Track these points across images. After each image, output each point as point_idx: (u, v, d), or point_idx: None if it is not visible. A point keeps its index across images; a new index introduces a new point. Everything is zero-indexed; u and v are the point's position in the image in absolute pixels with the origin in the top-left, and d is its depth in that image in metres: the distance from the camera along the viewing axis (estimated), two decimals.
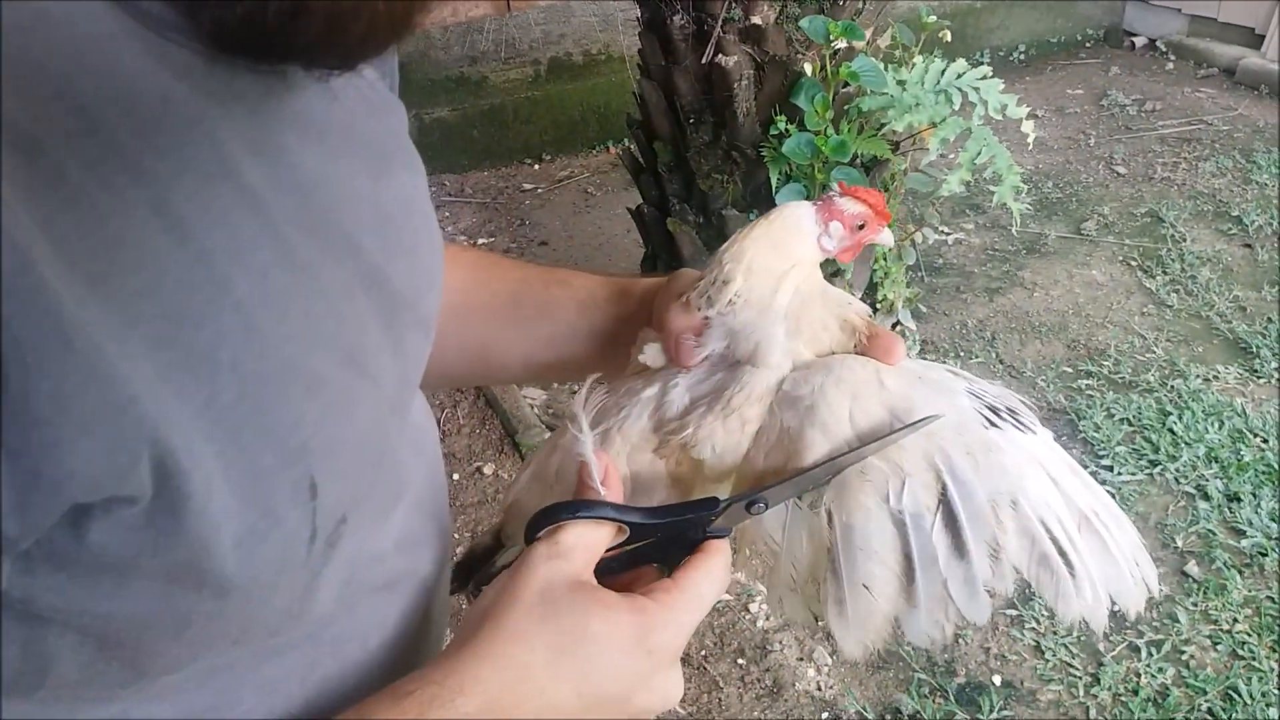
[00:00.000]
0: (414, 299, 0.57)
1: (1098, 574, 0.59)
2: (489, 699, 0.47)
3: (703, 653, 2.18)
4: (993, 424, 0.62)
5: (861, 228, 0.70)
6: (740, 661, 2.17)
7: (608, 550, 0.56)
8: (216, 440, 0.40)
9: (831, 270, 2.28)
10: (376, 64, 0.57)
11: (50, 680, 0.41)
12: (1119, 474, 2.56)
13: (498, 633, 0.49)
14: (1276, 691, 2.01)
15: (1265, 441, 2.63)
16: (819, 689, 2.10)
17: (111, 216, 0.37)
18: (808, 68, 2.35)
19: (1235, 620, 2.17)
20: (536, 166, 4.60)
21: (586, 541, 0.54)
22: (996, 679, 2.09)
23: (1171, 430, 2.69)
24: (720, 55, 2.41)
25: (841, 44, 2.31)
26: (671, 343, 0.67)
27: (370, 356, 0.50)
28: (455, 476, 2.71)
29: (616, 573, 0.57)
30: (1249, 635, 2.13)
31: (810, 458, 0.61)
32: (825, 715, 2.04)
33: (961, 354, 3.10)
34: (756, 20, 2.41)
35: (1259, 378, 2.90)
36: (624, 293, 0.78)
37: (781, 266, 0.66)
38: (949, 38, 2.57)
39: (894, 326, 3.05)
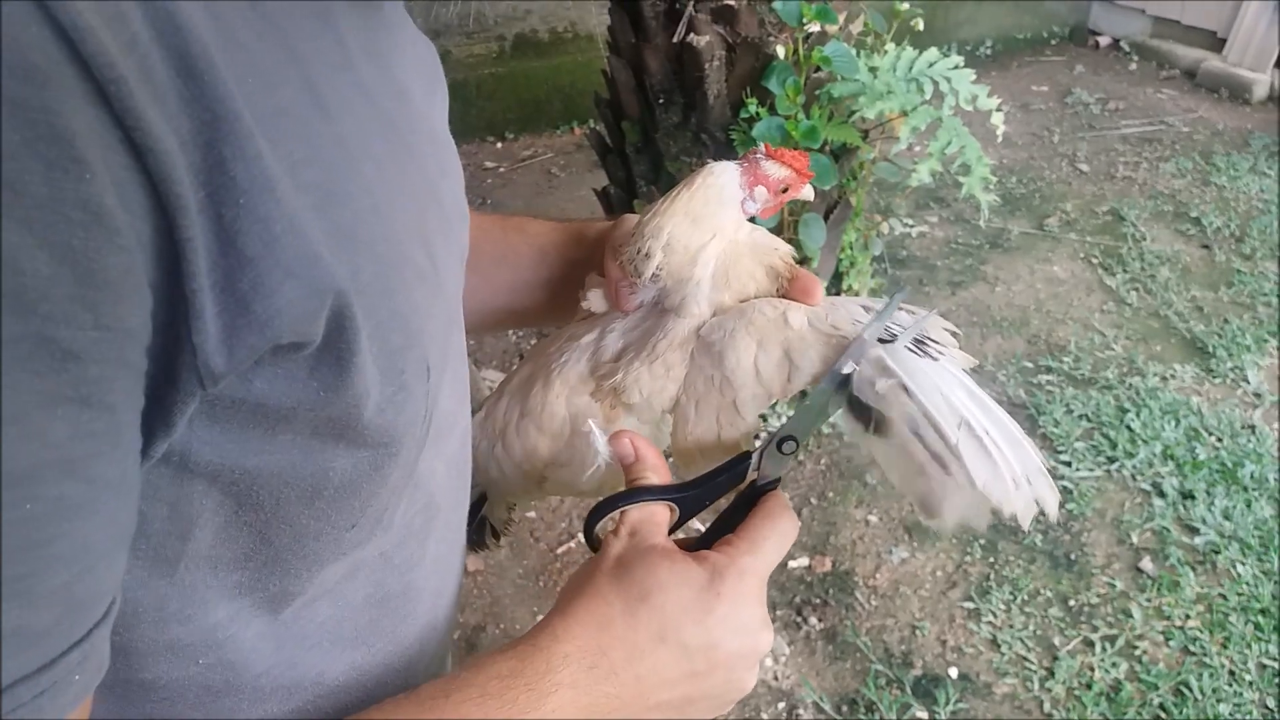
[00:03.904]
0: (458, 226, 0.59)
1: (979, 474, 0.59)
2: (580, 645, 0.53)
3: None
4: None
5: (785, 190, 0.71)
6: None
7: (670, 532, 0.61)
8: (361, 310, 0.41)
9: (798, 259, 2.25)
10: None
11: (189, 548, 0.43)
12: (1077, 470, 2.58)
13: (579, 595, 0.56)
14: (1227, 687, 2.03)
15: (1220, 440, 2.66)
16: (776, 679, 2.08)
17: (278, 86, 0.38)
18: (780, 51, 2.31)
19: (1188, 616, 2.19)
20: (499, 145, 4.52)
21: (651, 516, 0.60)
22: (953, 671, 2.08)
23: (1129, 427, 2.70)
24: (692, 34, 2.36)
25: (814, 28, 2.27)
26: (611, 289, 0.71)
27: (441, 265, 0.52)
28: None
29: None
30: (1201, 631, 2.15)
31: (746, 414, 0.65)
32: (782, 705, 2.02)
33: None
34: (729, 0, 2.36)
35: (1215, 377, 2.93)
36: (578, 238, 0.81)
37: (701, 240, 0.67)
38: (921, 25, 2.54)
39: None
